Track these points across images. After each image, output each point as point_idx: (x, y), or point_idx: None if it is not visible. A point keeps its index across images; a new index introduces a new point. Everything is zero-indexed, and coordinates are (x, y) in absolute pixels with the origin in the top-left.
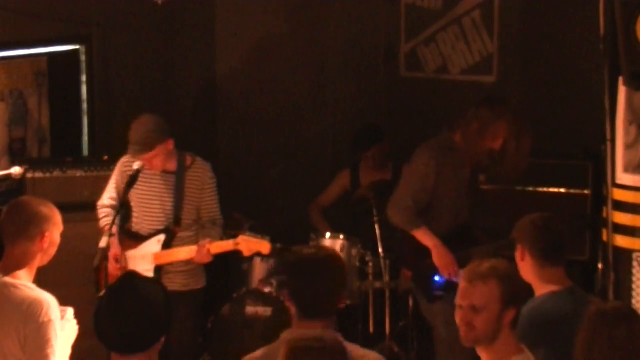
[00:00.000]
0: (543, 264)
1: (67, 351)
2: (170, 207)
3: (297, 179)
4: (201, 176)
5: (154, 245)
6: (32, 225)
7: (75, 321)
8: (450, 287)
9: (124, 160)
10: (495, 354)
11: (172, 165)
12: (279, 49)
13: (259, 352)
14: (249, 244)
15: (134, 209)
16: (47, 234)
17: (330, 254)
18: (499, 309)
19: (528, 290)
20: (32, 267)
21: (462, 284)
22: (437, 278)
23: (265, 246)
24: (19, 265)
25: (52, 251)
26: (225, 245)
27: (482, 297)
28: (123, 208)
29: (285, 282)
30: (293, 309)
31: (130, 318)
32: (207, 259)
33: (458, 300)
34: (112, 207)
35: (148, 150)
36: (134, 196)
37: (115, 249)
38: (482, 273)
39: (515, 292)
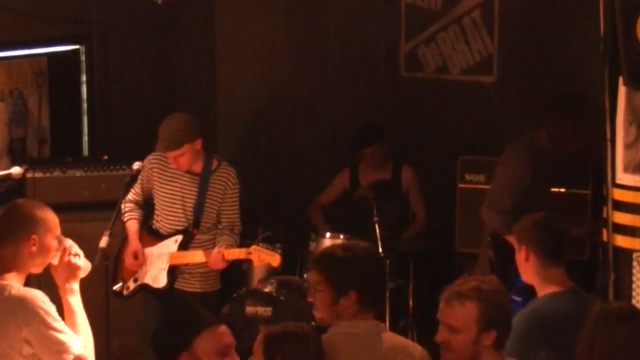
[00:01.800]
0: (547, 264)
1: (76, 288)
2: (191, 208)
3: (297, 179)
4: (225, 181)
5: (171, 244)
6: (20, 227)
7: (82, 256)
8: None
9: (150, 157)
10: None
11: (198, 167)
12: (279, 48)
13: None
14: (261, 254)
15: (157, 207)
16: (35, 236)
17: (375, 248)
18: (477, 331)
19: (510, 312)
20: (20, 271)
21: (440, 302)
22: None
23: (275, 259)
24: (9, 267)
25: (45, 258)
26: (238, 253)
27: (458, 318)
28: (146, 205)
29: (347, 274)
30: (350, 302)
31: None
32: (220, 265)
33: (438, 317)
34: (135, 202)
35: (175, 147)
36: (158, 194)
37: (135, 245)
38: (461, 293)
39: (496, 315)
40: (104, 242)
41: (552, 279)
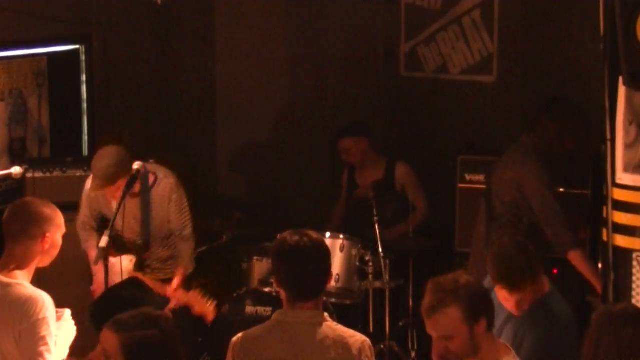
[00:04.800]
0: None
1: (65, 351)
2: (137, 230)
3: (296, 179)
4: (164, 191)
5: (129, 263)
6: (35, 225)
7: (72, 322)
8: None
9: (88, 182)
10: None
11: (136, 187)
12: (278, 48)
13: (252, 331)
14: (199, 301)
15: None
16: (48, 234)
17: (314, 239)
18: (468, 328)
19: (487, 294)
20: (31, 267)
21: (425, 320)
22: None
23: (210, 313)
24: (19, 265)
25: (54, 253)
26: (183, 297)
27: (446, 326)
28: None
29: (274, 268)
30: (283, 293)
31: None
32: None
33: (428, 332)
34: (89, 226)
35: (110, 184)
36: (106, 214)
37: (97, 283)
38: (437, 304)
39: (477, 304)
40: (104, 242)
41: (544, 280)
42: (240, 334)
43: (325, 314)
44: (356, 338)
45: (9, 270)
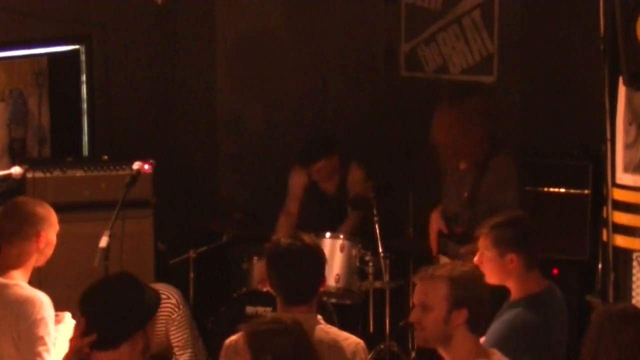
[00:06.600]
0: (529, 267)
1: (64, 352)
2: None
3: None
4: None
5: None
6: (28, 225)
7: (73, 322)
8: None
9: None
10: (454, 356)
11: None
12: (279, 48)
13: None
14: None
15: None
16: (42, 233)
17: (308, 243)
18: (447, 309)
19: (483, 295)
20: (27, 267)
21: (416, 283)
22: None
23: None
24: (15, 265)
25: (49, 251)
26: None
27: (429, 295)
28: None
29: (267, 271)
30: (277, 296)
31: None
32: None
33: (413, 299)
34: None
35: None
36: None
37: None
38: (434, 273)
39: (466, 294)
40: (104, 242)
41: (531, 281)
42: (234, 337)
43: (319, 317)
44: (350, 341)
45: (5, 270)
